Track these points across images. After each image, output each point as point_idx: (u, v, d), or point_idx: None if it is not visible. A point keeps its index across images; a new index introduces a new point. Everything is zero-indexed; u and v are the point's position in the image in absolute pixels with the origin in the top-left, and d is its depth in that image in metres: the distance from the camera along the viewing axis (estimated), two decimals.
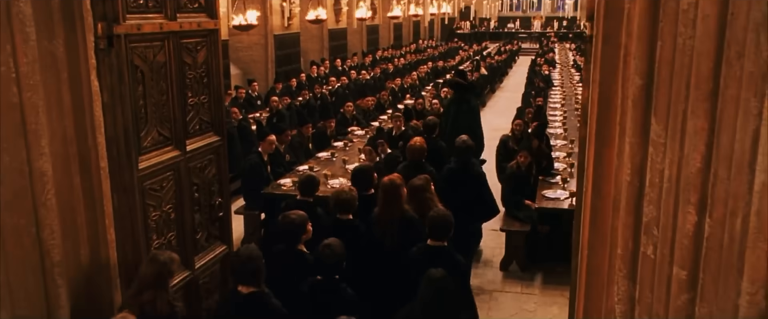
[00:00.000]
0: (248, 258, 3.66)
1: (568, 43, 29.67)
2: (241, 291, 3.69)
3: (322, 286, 3.98)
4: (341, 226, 4.71)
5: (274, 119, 10.11)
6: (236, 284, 3.73)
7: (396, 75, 15.17)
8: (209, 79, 4.54)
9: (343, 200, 4.80)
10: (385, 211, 4.78)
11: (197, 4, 4.35)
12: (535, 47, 30.32)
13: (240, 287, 3.70)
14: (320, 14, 15.76)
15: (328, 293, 3.95)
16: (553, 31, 32.17)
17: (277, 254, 4.40)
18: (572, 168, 7.49)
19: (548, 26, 33.07)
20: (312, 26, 17.28)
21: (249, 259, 3.66)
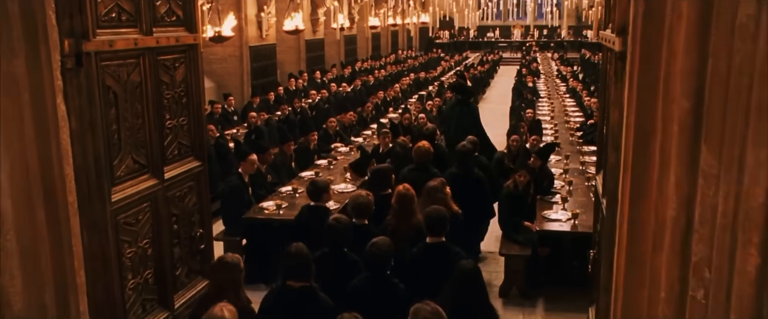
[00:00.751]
0: (298, 255, 3.97)
1: (549, 52, 29.71)
2: (292, 285, 3.96)
3: (373, 282, 4.16)
4: (357, 231, 4.82)
5: (253, 136, 9.78)
6: (285, 280, 3.98)
7: (377, 88, 14.92)
8: (189, 98, 4.23)
9: (359, 205, 5.03)
10: (400, 222, 5.02)
11: (175, 16, 4.04)
12: (516, 57, 30.34)
13: (289, 281, 3.97)
14: (298, 24, 15.46)
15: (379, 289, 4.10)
16: (534, 40, 32.24)
17: (321, 258, 4.47)
18: (570, 186, 7.28)
19: (529, 35, 33.15)
20: (288, 37, 16.98)
21: (299, 256, 3.96)
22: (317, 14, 19.43)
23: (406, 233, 4.91)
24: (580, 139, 9.79)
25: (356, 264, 4.46)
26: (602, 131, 3.84)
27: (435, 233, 4.53)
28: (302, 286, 3.95)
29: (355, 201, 5.08)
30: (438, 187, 5.33)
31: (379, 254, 4.14)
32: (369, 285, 4.17)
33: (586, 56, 24.99)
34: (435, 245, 4.53)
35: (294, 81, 14.61)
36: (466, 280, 3.92)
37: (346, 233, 4.54)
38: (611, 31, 3.30)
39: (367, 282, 4.20)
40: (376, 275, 4.18)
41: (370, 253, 4.16)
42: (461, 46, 32.12)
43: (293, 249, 4.02)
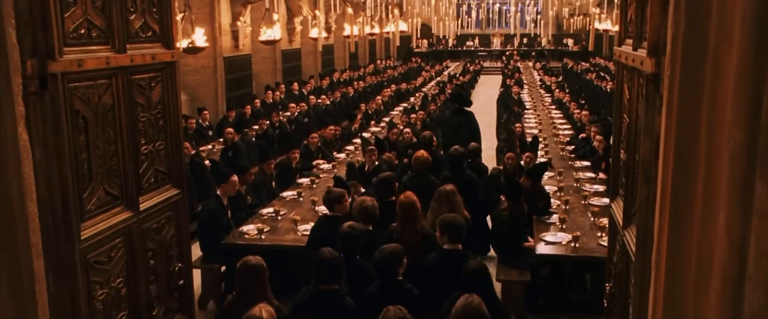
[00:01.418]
0: (331, 260, 4.22)
1: (530, 61, 29.74)
2: (324, 289, 4.20)
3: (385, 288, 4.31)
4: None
5: (230, 153, 9.46)
6: (318, 283, 4.23)
7: (358, 100, 14.68)
8: (166, 121, 3.94)
9: (365, 210, 5.23)
10: (405, 229, 5.28)
11: (151, 31, 3.76)
12: (496, 66, 30.32)
13: (322, 285, 4.21)
14: (274, 34, 15.18)
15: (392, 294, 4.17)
16: (515, 49, 32.28)
17: None
18: (567, 205, 7.07)
19: (508, 44, 33.19)
20: (264, 47, 16.69)
21: (331, 260, 4.22)
22: (293, 23, 19.18)
23: (411, 240, 5.12)
24: (571, 154, 9.62)
25: (368, 270, 4.64)
26: (617, 156, 3.63)
27: (452, 240, 4.77)
28: (332, 290, 4.22)
29: (361, 206, 5.26)
30: (452, 192, 5.74)
31: (387, 260, 4.34)
32: (382, 291, 4.33)
33: (569, 66, 25.04)
34: (452, 251, 4.77)
35: (271, 93, 14.30)
36: (473, 279, 4.14)
37: (359, 239, 4.72)
38: (633, 47, 3.09)
39: (379, 289, 4.37)
40: (387, 280, 4.36)
41: (378, 259, 4.37)
42: (440, 55, 32.04)
43: (326, 254, 4.25)
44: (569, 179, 8.26)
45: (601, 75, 18.82)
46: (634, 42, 3.09)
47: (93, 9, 3.24)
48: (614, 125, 3.67)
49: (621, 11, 3.57)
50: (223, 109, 14.41)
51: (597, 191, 7.68)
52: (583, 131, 10.56)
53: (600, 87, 16.85)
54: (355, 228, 4.79)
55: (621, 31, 3.55)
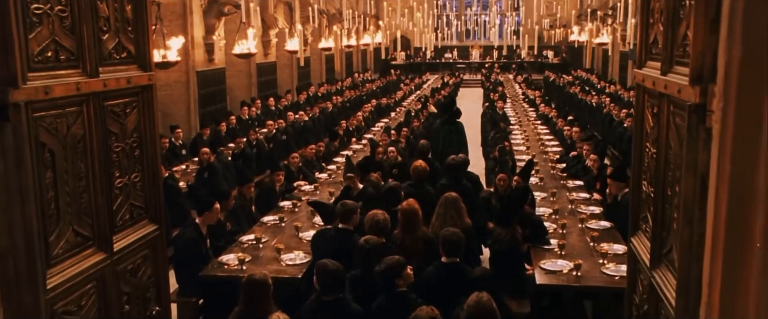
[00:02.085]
0: (334, 272, 4.39)
1: (511, 73, 29.74)
2: (327, 300, 4.38)
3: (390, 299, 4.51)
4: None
5: (205, 174, 9.13)
6: (322, 295, 4.40)
7: (338, 116, 14.44)
8: (142, 150, 3.64)
9: (377, 223, 5.42)
10: (406, 235, 5.65)
11: (125, 52, 3.47)
12: (476, 78, 30.28)
13: (324, 297, 4.39)
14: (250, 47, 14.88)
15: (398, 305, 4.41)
16: (493, 60, 32.28)
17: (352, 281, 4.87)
18: (564, 229, 6.86)
19: (488, 56, 33.19)
20: (238, 61, 16.36)
21: (334, 272, 4.39)
22: (269, 36, 18.88)
23: (413, 247, 5.54)
24: (562, 173, 9.44)
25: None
26: (638, 187, 3.40)
27: (449, 254, 5.08)
28: (336, 298, 4.40)
29: (373, 220, 5.47)
30: (457, 199, 6.20)
31: (386, 272, 4.53)
32: (387, 301, 4.53)
33: (551, 79, 25.04)
34: (450, 264, 5.06)
35: (247, 109, 13.97)
36: (478, 286, 4.33)
37: (376, 253, 4.88)
38: (662, 71, 2.87)
39: (385, 299, 4.55)
40: (389, 292, 4.54)
41: (379, 271, 4.57)
42: (418, 67, 31.93)
43: (329, 266, 4.42)
44: (563, 199, 8.08)
45: (586, 89, 18.79)
46: (662, 66, 2.87)
47: (61, 29, 2.94)
48: (634, 154, 3.44)
49: (640, 30, 3.36)
50: (196, 126, 14.03)
51: (593, 213, 7.49)
52: (573, 149, 10.40)
53: (585, 101, 16.79)
54: (370, 242, 5.03)
55: (641, 52, 3.33)
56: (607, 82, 20.14)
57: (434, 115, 14.68)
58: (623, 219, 7.00)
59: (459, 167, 7.59)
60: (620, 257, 6.08)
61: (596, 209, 7.65)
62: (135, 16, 3.53)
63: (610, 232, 6.82)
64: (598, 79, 21.88)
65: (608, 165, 8.83)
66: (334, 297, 4.38)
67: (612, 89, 18.51)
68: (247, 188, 7.50)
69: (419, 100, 16.36)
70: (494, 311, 4.06)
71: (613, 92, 17.84)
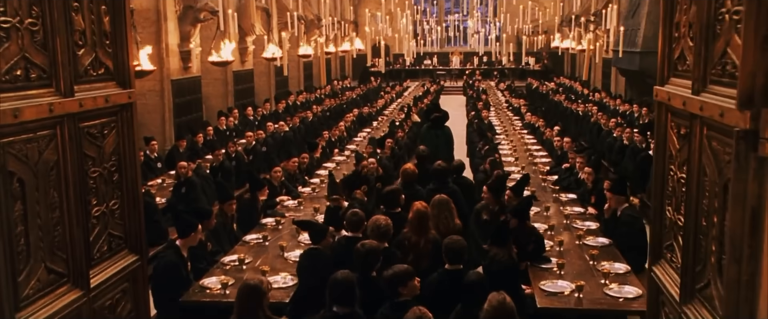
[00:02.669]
0: (344, 282, 4.44)
1: (492, 80, 29.68)
2: (337, 312, 4.39)
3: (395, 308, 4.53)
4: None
5: (183, 189, 8.82)
6: (332, 306, 4.42)
7: (318, 125, 14.19)
8: (122, 174, 3.38)
9: (379, 228, 5.58)
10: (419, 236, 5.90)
11: (103, 68, 3.21)
12: (456, 85, 30.20)
13: (336, 307, 4.41)
14: (226, 55, 14.59)
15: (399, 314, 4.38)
16: (475, 67, 32.21)
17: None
18: (560, 247, 6.69)
19: (468, 62, 33.12)
20: (214, 69, 16.07)
21: (345, 283, 4.44)
22: (246, 43, 18.58)
23: (424, 248, 5.83)
24: (554, 186, 9.28)
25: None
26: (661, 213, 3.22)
27: (452, 262, 5.24)
28: (346, 312, 4.41)
29: (375, 225, 5.62)
30: (448, 200, 6.52)
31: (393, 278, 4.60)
32: (390, 311, 4.56)
33: (534, 86, 25.00)
34: (454, 272, 5.21)
35: (224, 119, 13.65)
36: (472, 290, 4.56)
37: (372, 256, 5.03)
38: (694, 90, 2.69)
39: (389, 308, 4.58)
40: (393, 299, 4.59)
41: (386, 277, 4.63)
42: (397, 74, 31.77)
43: (339, 276, 4.48)
44: (557, 215, 7.90)
45: (571, 97, 18.73)
46: (694, 84, 2.69)
47: (32, 44, 2.69)
48: (655, 176, 3.26)
49: (662, 44, 3.18)
50: (171, 137, 13.70)
51: (590, 228, 7.32)
52: (564, 159, 10.26)
53: (570, 109, 16.71)
54: (365, 245, 5.12)
55: (664, 67, 3.15)
56: (592, 90, 20.11)
57: (418, 125, 14.51)
58: (623, 235, 6.88)
59: (446, 171, 7.99)
60: (622, 277, 5.91)
61: (592, 224, 7.48)
62: (113, 28, 3.28)
63: (609, 249, 6.65)
64: (582, 86, 21.86)
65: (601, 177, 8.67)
66: (345, 310, 4.43)
67: (596, 97, 18.48)
68: (229, 205, 7.22)
69: (402, 109, 16.13)
70: (514, 312, 4.18)
71: (599, 100, 17.80)
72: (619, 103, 16.36)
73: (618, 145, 11.48)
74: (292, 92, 19.56)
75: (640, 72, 17.47)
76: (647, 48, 17.46)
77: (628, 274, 6.02)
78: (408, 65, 32.29)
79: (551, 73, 29.38)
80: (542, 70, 29.57)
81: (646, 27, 17.48)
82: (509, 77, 30.11)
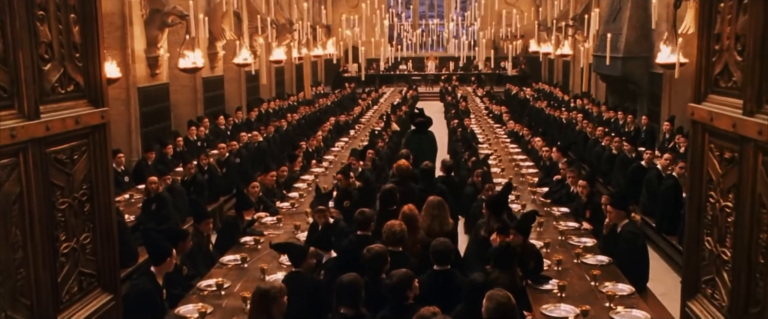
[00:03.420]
0: (350, 284, 4.64)
1: (470, 86, 29.56)
2: (344, 313, 4.58)
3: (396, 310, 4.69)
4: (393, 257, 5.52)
5: (153, 206, 8.44)
6: (339, 307, 4.62)
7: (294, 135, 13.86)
8: (94, 204, 3.05)
9: (394, 234, 5.78)
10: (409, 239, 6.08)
11: (73, 85, 2.89)
12: (432, 91, 30.02)
13: (342, 309, 4.60)
14: (196, 61, 14.19)
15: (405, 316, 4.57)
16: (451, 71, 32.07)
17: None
18: (559, 266, 6.46)
19: (444, 67, 32.98)
20: (182, 75, 15.64)
21: (351, 284, 4.64)
22: (216, 48, 18.17)
23: (413, 248, 6.09)
24: (546, 199, 9.07)
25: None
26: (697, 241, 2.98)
27: (440, 263, 5.46)
28: (353, 314, 4.58)
29: (390, 231, 5.81)
30: (442, 201, 6.84)
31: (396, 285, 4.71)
32: (392, 313, 4.70)
33: (513, 92, 24.91)
34: (441, 272, 5.45)
35: (194, 129, 13.25)
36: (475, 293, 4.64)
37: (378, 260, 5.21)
38: (746, 111, 2.46)
39: (390, 311, 4.72)
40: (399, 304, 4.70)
41: (390, 285, 4.75)
42: (372, 79, 31.50)
43: (345, 279, 4.68)
44: (551, 230, 7.69)
45: (552, 104, 18.61)
46: (747, 104, 2.46)
47: None
48: (690, 203, 3.02)
49: (699, 57, 2.94)
50: (138, 148, 13.25)
51: (587, 245, 7.12)
52: (552, 170, 10.07)
53: (553, 116, 16.58)
54: (371, 250, 5.30)
55: (701, 83, 2.92)
56: (573, 96, 20.04)
57: (398, 133, 14.27)
58: (623, 253, 6.67)
59: (433, 171, 8.72)
60: (628, 300, 5.72)
61: (588, 240, 7.28)
62: (84, 39, 2.96)
63: (610, 269, 6.44)
64: (563, 92, 21.81)
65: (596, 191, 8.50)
66: (351, 311, 4.59)
67: (578, 104, 18.40)
68: (205, 224, 6.87)
69: (381, 118, 15.84)
70: (515, 308, 4.38)
71: (581, 107, 17.72)
72: (603, 110, 16.27)
73: (606, 154, 11.32)
74: (265, 100, 19.17)
75: (622, 78, 17.43)
76: (630, 53, 17.44)
77: (634, 296, 5.81)
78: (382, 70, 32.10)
79: (529, 79, 29.36)
80: (520, 76, 29.53)
81: (628, 32, 17.46)
82: (486, 83, 30.02)
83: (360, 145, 12.64)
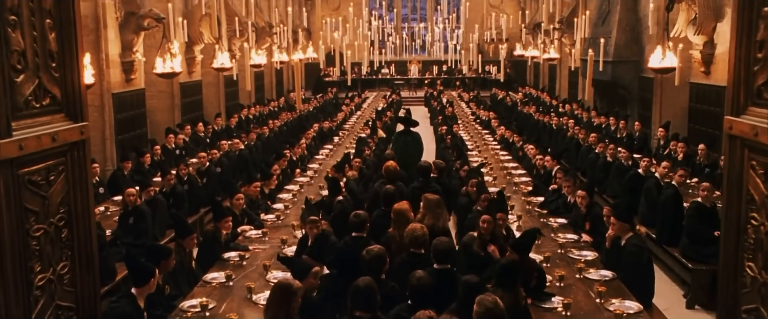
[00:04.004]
0: (366, 288, 4.77)
1: (454, 90, 29.41)
2: (359, 316, 4.72)
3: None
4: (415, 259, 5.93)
5: (131, 220, 8.15)
6: (354, 310, 4.75)
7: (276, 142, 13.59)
8: (73, 228, 2.80)
9: (416, 238, 6.02)
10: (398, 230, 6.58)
11: (49, 97, 2.65)
12: (416, 96, 29.86)
13: (358, 312, 4.73)
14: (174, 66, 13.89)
15: None
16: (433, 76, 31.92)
17: None
18: (561, 282, 6.27)
19: (427, 71, 32.83)
20: (159, 80, 15.32)
21: (366, 289, 4.76)
22: (194, 52, 17.86)
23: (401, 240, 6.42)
24: (542, 210, 8.89)
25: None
26: (735, 267, 2.80)
27: (441, 262, 5.70)
28: (369, 318, 4.74)
29: (412, 235, 6.09)
30: (440, 200, 7.22)
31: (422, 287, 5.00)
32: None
33: (499, 96, 24.81)
34: (442, 271, 5.67)
35: (173, 137, 12.93)
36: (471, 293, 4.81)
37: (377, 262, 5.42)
38: None
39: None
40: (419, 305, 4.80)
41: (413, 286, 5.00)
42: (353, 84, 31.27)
43: (361, 283, 4.82)
44: (550, 243, 7.50)
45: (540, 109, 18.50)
46: None
47: None
48: (726, 224, 2.84)
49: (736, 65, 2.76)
50: (113, 157, 12.93)
51: (587, 259, 6.94)
52: (547, 180, 9.91)
53: (543, 122, 16.45)
54: (371, 251, 5.52)
55: (739, 94, 2.74)
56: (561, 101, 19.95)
57: (385, 141, 14.07)
58: (628, 267, 6.49)
59: (429, 169, 8.94)
60: (635, 318, 5.53)
61: (589, 254, 7.10)
62: (61, 47, 2.72)
63: (615, 284, 6.27)
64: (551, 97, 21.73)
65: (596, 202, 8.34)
66: (367, 315, 4.73)
67: (567, 109, 18.31)
68: (189, 240, 6.60)
69: (366, 124, 15.59)
70: (504, 314, 4.50)
71: (570, 112, 17.63)
72: (594, 115, 16.17)
73: (601, 162, 11.17)
74: (244, 105, 18.87)
75: (611, 82, 17.36)
76: (619, 57, 17.38)
77: (642, 314, 5.64)
78: (364, 75, 31.91)
79: (515, 83, 29.31)
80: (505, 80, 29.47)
81: (617, 35, 17.40)
82: (471, 87, 29.91)
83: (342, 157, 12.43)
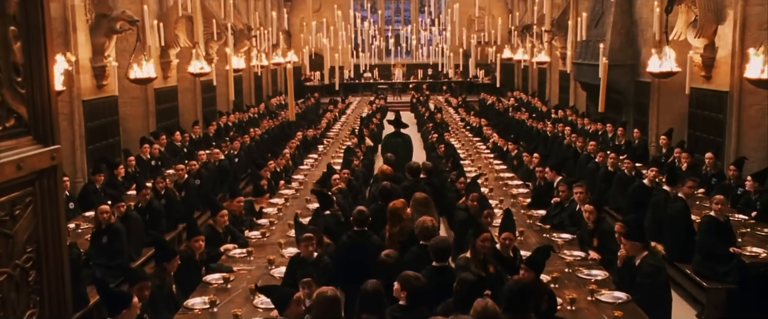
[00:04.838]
0: (374, 291, 5.03)
1: (441, 95, 29.21)
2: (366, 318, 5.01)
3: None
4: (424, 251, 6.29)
5: (104, 238, 7.77)
6: (361, 313, 5.00)
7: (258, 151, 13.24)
8: (42, 270, 2.47)
9: (440, 249, 6.09)
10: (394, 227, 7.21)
11: (14, 119, 2.31)
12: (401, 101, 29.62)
13: (365, 315, 4.98)
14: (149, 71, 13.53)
15: None
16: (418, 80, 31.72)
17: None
18: (572, 305, 6.00)
19: (412, 75, 32.62)
20: (132, 86, 14.96)
21: (374, 292, 5.03)
22: (169, 56, 17.48)
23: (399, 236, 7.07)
24: (545, 225, 8.62)
25: None
26: None
27: (440, 259, 6.02)
28: None
29: (422, 226, 6.53)
30: (427, 198, 8.03)
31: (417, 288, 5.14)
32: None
33: (488, 102, 24.63)
34: (441, 268, 5.98)
35: (148, 147, 12.55)
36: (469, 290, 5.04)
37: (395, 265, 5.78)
38: None
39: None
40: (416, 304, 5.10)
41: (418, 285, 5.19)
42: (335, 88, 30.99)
43: (369, 287, 5.04)
44: (556, 261, 7.22)
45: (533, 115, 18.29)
46: None
47: None
48: None
49: None
50: (83, 169, 12.49)
51: (597, 278, 6.68)
52: (547, 192, 9.65)
53: (536, 129, 16.24)
54: (390, 256, 6.01)
55: None
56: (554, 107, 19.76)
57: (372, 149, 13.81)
58: (644, 288, 6.21)
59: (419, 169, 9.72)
60: None
61: (599, 273, 6.85)
62: (28, 58, 2.38)
63: (630, 307, 6.01)
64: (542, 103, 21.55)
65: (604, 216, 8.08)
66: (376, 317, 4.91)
67: (559, 114, 18.12)
68: (172, 263, 6.26)
69: (353, 132, 15.28)
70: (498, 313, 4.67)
71: (563, 118, 17.44)
72: (587, 122, 15.98)
73: (602, 172, 10.94)
74: (223, 112, 18.48)
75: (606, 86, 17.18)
76: (614, 61, 17.17)
77: None
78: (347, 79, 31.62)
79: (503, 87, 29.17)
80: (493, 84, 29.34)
81: (612, 38, 17.22)
82: (458, 91, 29.72)
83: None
